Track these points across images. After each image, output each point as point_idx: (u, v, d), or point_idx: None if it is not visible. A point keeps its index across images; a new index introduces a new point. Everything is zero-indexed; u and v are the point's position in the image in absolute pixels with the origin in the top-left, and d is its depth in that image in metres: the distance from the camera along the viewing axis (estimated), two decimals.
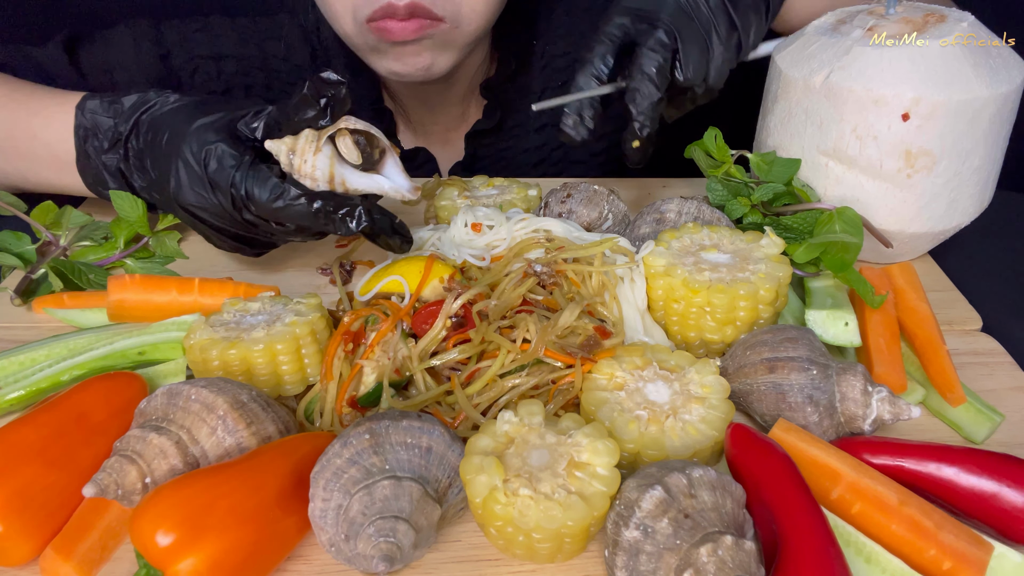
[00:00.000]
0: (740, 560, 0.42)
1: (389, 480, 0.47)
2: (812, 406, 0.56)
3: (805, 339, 0.59)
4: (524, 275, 0.66)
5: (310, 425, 0.60)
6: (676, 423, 0.53)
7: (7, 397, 0.60)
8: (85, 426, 0.53)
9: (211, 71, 0.99)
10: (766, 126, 0.80)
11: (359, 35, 0.85)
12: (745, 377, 0.59)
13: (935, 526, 0.48)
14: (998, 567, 0.48)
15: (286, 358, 0.60)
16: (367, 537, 0.45)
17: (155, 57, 0.96)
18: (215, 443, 0.52)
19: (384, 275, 0.68)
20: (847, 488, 0.50)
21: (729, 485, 0.47)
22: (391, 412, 0.51)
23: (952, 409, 0.61)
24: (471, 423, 0.57)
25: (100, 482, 0.48)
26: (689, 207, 0.76)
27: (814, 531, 0.45)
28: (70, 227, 0.79)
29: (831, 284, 0.70)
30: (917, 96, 0.67)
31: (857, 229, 0.70)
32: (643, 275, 0.67)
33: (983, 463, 0.51)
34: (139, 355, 0.64)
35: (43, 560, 0.49)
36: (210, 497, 0.46)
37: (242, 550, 0.46)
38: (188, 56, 0.98)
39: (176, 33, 0.97)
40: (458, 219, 0.75)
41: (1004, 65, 0.70)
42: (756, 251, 0.66)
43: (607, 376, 0.57)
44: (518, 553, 0.49)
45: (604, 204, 0.79)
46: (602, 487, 0.47)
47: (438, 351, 0.62)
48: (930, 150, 0.69)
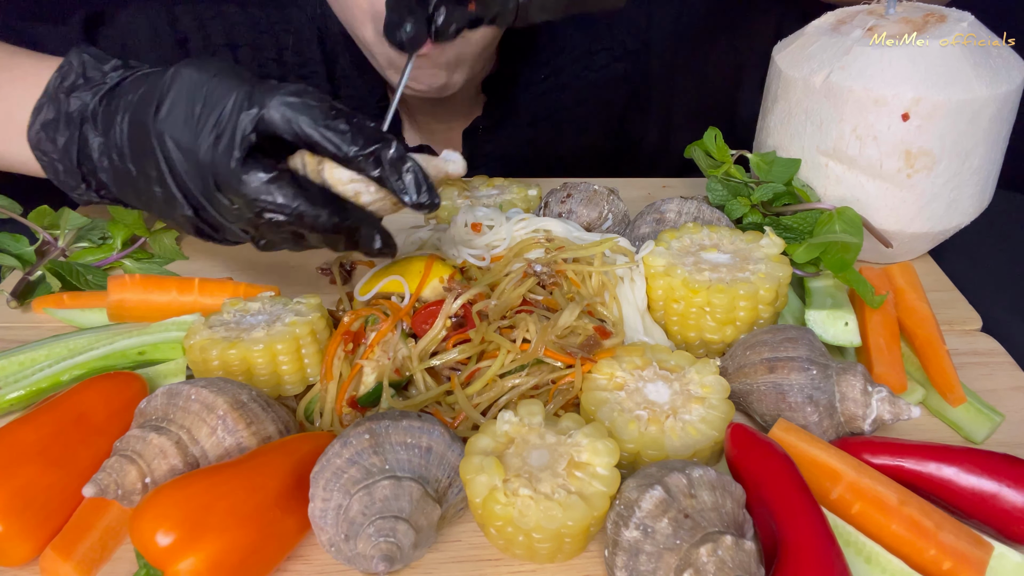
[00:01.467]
0: (740, 560, 0.42)
1: (389, 480, 0.47)
2: (812, 406, 0.56)
3: (805, 339, 0.59)
4: (524, 275, 0.66)
5: (310, 425, 0.60)
6: (676, 423, 0.53)
7: (7, 397, 0.60)
8: (85, 426, 0.53)
9: (228, 59, 0.98)
10: (766, 126, 0.80)
11: (378, 45, 0.84)
12: (745, 377, 0.59)
13: (935, 526, 0.48)
14: (998, 567, 0.48)
15: (286, 358, 0.60)
16: (367, 537, 0.45)
17: (173, 43, 0.95)
18: (215, 443, 0.52)
19: (384, 275, 0.68)
20: (847, 488, 0.50)
21: (729, 485, 0.47)
22: (391, 412, 0.51)
23: (952, 409, 0.61)
24: (471, 423, 0.57)
25: (100, 482, 0.48)
26: (689, 207, 0.76)
27: (814, 531, 0.45)
28: (68, 229, 0.79)
29: (831, 284, 0.70)
30: (917, 96, 0.67)
31: (857, 229, 0.70)
32: (643, 275, 0.67)
33: (983, 463, 0.51)
34: (139, 355, 0.64)
35: (43, 560, 0.49)
36: (210, 497, 0.46)
37: (242, 550, 0.46)
38: (205, 43, 0.97)
39: (191, 19, 0.97)
40: (458, 219, 0.75)
41: (1004, 65, 0.70)
42: (756, 251, 0.66)
43: (607, 376, 0.57)
44: (518, 553, 0.49)
45: (604, 204, 0.79)
46: (602, 487, 0.47)
47: (438, 351, 0.62)
48: (930, 150, 0.69)
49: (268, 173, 0.52)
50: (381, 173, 0.52)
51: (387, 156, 0.52)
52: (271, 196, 0.52)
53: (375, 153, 0.52)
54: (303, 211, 0.52)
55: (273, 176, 0.52)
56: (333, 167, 0.54)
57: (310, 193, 0.53)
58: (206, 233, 0.58)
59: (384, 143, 0.52)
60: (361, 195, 0.55)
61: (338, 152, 0.52)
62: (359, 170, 0.53)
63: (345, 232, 0.54)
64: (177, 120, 0.53)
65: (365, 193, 0.55)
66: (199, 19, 0.97)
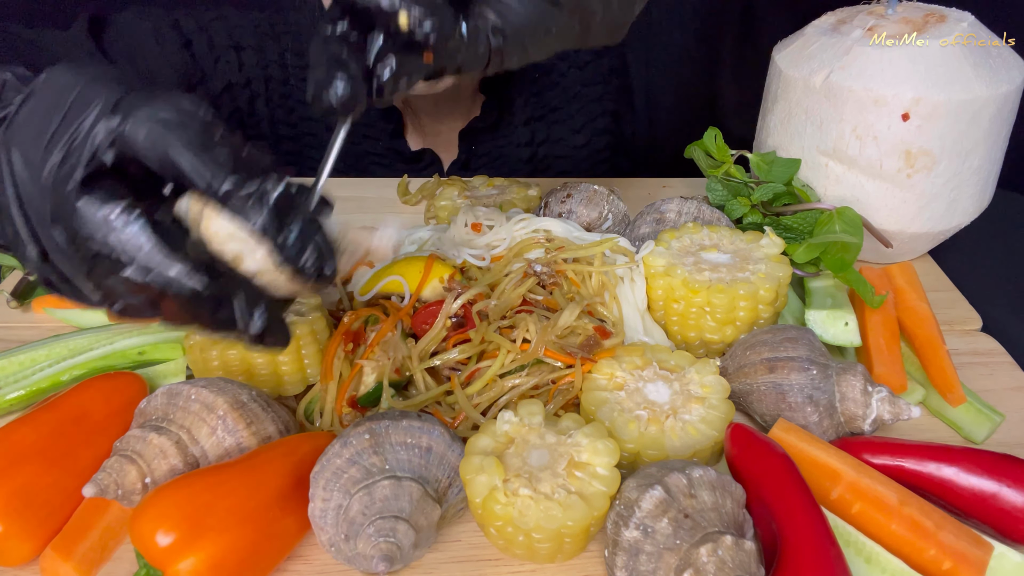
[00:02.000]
0: (740, 560, 0.42)
1: (389, 480, 0.47)
2: (812, 406, 0.56)
3: (805, 339, 0.59)
4: (524, 275, 0.66)
5: (310, 425, 0.60)
6: (676, 423, 0.53)
7: (7, 397, 0.60)
8: (85, 426, 0.53)
9: (232, 62, 0.97)
10: (766, 126, 0.80)
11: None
12: (745, 377, 0.59)
13: (935, 526, 0.48)
14: (998, 567, 0.48)
15: (286, 358, 0.60)
16: (367, 537, 0.45)
17: (178, 46, 0.95)
18: (215, 443, 0.52)
19: (384, 275, 0.68)
20: (847, 488, 0.50)
21: (729, 485, 0.47)
22: (391, 412, 0.51)
23: (952, 409, 0.61)
24: (471, 423, 0.57)
25: (100, 482, 0.48)
26: (689, 207, 0.76)
27: (814, 531, 0.45)
28: None
29: (831, 284, 0.70)
30: (917, 96, 0.67)
31: (857, 229, 0.70)
32: (643, 275, 0.67)
33: (983, 463, 0.51)
34: (139, 355, 0.64)
35: (43, 560, 0.49)
36: (210, 497, 0.46)
37: (242, 550, 0.46)
38: (209, 45, 0.97)
39: (194, 22, 0.96)
40: (458, 219, 0.75)
41: (1004, 65, 0.70)
42: (756, 251, 0.66)
43: (607, 376, 0.57)
44: (518, 553, 0.49)
45: (604, 204, 0.79)
46: (602, 487, 0.47)
47: (438, 351, 0.62)
48: (930, 150, 0.69)
49: (113, 205, 0.39)
50: (263, 222, 0.40)
51: (270, 196, 0.40)
52: (108, 235, 0.39)
53: (258, 192, 0.40)
54: (149, 263, 0.39)
55: (120, 210, 0.39)
56: (213, 216, 0.40)
57: (170, 244, 0.40)
58: (55, 286, 0.44)
59: (270, 177, 0.40)
60: (243, 259, 0.41)
61: (208, 187, 0.39)
62: (239, 216, 0.40)
63: (208, 303, 0.40)
64: (29, 131, 0.41)
65: (249, 258, 0.41)
66: (200, 22, 0.97)
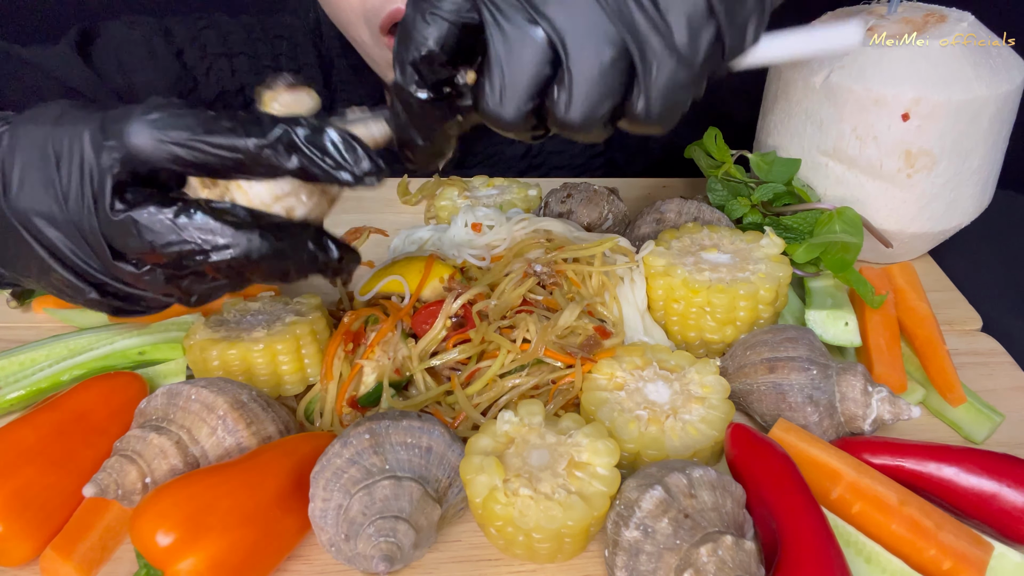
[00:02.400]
0: (740, 560, 0.42)
1: (389, 480, 0.47)
2: (812, 406, 0.56)
3: (805, 339, 0.59)
4: (524, 275, 0.66)
5: (310, 425, 0.60)
6: (676, 423, 0.53)
7: (7, 397, 0.60)
8: (85, 426, 0.53)
9: (225, 69, 0.97)
10: (766, 126, 0.80)
11: (376, 47, 0.83)
12: (745, 377, 0.59)
13: (935, 526, 0.48)
14: (998, 567, 0.48)
15: (286, 358, 0.60)
16: (367, 537, 0.45)
17: (170, 55, 0.94)
18: (215, 443, 0.52)
19: (384, 275, 0.68)
20: (847, 488, 0.50)
21: (729, 485, 0.47)
22: (391, 412, 0.51)
23: (952, 409, 0.61)
24: (471, 423, 0.57)
25: (100, 482, 0.48)
26: (689, 207, 0.76)
27: (814, 531, 0.45)
28: None
29: (831, 284, 0.70)
30: (917, 96, 0.67)
31: (857, 229, 0.70)
32: (643, 275, 0.67)
33: (983, 463, 0.51)
34: (139, 355, 0.64)
35: (43, 560, 0.49)
36: (210, 497, 0.46)
37: (242, 550, 0.46)
38: (201, 53, 0.96)
39: (184, 29, 0.96)
40: (458, 219, 0.75)
41: (1004, 65, 0.70)
42: (756, 251, 0.66)
43: (607, 376, 0.57)
44: (518, 553, 0.49)
45: (604, 204, 0.79)
46: (602, 487, 0.47)
47: (438, 351, 0.62)
48: (930, 150, 0.69)
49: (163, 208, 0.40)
50: (301, 160, 0.40)
51: (298, 134, 0.40)
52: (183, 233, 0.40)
53: (283, 137, 0.40)
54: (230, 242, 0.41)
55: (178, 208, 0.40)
56: (246, 187, 0.42)
57: (229, 214, 0.41)
58: (125, 311, 0.47)
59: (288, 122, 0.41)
60: (295, 210, 0.43)
61: (235, 154, 0.40)
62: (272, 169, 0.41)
63: (289, 253, 0.43)
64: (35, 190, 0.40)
65: (299, 205, 0.43)
66: (192, 30, 0.96)
